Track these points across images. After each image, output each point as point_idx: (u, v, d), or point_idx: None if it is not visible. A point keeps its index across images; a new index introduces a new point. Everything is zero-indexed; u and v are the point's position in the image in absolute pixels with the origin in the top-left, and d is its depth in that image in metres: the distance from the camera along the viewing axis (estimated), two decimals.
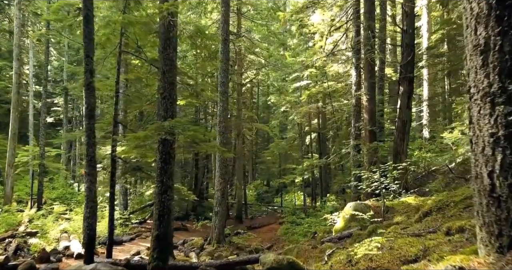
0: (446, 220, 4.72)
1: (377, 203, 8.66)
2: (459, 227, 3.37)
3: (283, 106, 27.48)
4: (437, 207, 5.51)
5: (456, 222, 3.63)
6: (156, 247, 6.62)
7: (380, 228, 6.79)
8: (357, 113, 13.15)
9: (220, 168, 14.24)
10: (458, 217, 4.67)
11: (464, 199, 5.19)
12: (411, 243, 3.50)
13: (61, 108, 32.16)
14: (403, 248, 3.41)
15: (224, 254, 13.37)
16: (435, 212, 5.45)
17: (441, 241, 3.26)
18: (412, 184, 13.28)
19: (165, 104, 6.93)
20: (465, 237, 3.10)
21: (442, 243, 3.16)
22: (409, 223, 6.24)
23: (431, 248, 3.13)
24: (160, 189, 6.80)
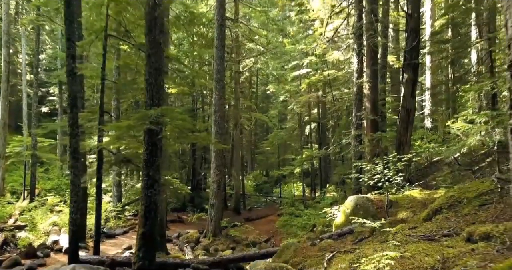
0: (460, 220, 4.21)
1: (380, 196, 8.16)
2: (483, 233, 2.86)
3: (282, 96, 26.87)
4: (448, 204, 4.99)
5: (479, 226, 3.10)
6: (141, 246, 6.14)
7: (384, 225, 6.30)
8: (359, 102, 12.58)
9: (216, 159, 13.73)
10: (474, 217, 4.16)
11: (479, 196, 4.68)
12: (426, 251, 2.98)
13: (56, 98, 31.51)
14: (416, 257, 2.90)
15: (220, 248, 12.97)
16: (446, 210, 4.93)
17: (462, 250, 2.74)
18: (415, 175, 12.78)
19: (151, 91, 6.36)
20: (493, 246, 2.58)
21: (465, 253, 2.65)
22: (417, 220, 5.74)
23: (451, 258, 2.63)
24: (146, 183, 6.28)
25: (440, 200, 5.25)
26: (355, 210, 7.93)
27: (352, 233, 7.04)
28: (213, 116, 13.89)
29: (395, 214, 7.22)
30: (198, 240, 13.28)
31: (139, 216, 6.34)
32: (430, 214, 5.16)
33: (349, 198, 8.38)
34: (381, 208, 7.70)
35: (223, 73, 14.37)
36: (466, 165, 10.67)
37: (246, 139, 36.32)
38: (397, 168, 8.10)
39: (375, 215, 7.60)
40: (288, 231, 16.04)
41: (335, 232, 7.37)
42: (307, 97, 22.32)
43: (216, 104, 13.80)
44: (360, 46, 12.62)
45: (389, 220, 6.37)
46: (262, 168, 36.53)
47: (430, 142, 20.83)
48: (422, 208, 6.88)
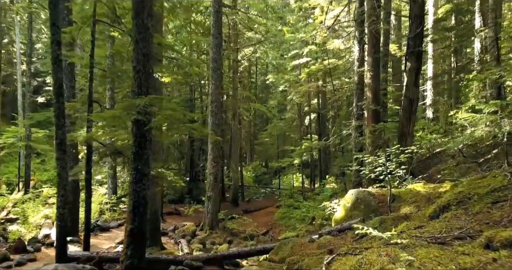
0: (472, 219, 3.85)
1: (382, 190, 7.81)
2: (506, 239, 2.49)
3: (281, 86, 26.40)
4: (457, 200, 4.63)
5: (499, 230, 2.73)
6: (130, 243, 5.79)
7: (387, 221, 5.96)
8: (360, 91, 12.16)
9: (212, 150, 13.36)
10: (487, 216, 3.79)
11: (491, 192, 4.32)
12: (438, 258, 2.62)
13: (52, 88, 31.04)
14: (427, 265, 2.53)
15: (217, 241, 12.67)
16: (455, 207, 4.57)
17: (481, 259, 2.38)
18: (416, 167, 12.43)
19: (139, 79, 5.95)
20: None
21: (485, 263, 2.29)
22: (422, 217, 5.38)
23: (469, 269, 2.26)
24: (134, 177, 5.91)
25: (447, 196, 4.88)
26: (355, 205, 7.59)
27: (353, 229, 6.70)
28: (210, 107, 13.48)
29: (398, 209, 6.87)
30: (194, 233, 12.99)
31: (127, 212, 5.98)
32: (437, 211, 4.80)
33: (350, 191, 8.03)
34: (383, 203, 7.36)
35: (220, 62, 13.91)
36: (471, 156, 10.31)
37: (245, 129, 35.96)
38: (399, 161, 7.74)
39: (377, 210, 7.27)
40: (286, 224, 15.77)
41: (335, 228, 7.03)
42: (307, 87, 21.88)
43: (213, 94, 13.38)
44: (361, 33, 12.16)
45: (391, 215, 6.02)
46: (262, 158, 36.22)
47: (432, 132, 20.47)
48: (427, 203, 6.54)
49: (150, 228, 10.28)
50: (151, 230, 10.35)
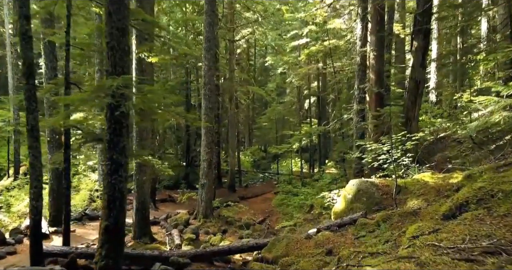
0: (500, 223, 3.20)
1: (386, 180, 7.16)
2: None
3: (280, 68, 25.50)
4: (477, 198, 3.97)
5: None
6: (105, 242, 5.16)
7: (393, 217, 5.32)
8: (362, 73, 11.38)
9: (206, 135, 12.67)
10: None
11: None
12: None
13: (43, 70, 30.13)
14: None
15: (211, 230, 12.15)
16: (475, 205, 3.92)
17: None
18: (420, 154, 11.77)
19: (113, 57, 5.21)
20: None
21: None
22: (433, 213, 4.74)
23: None
24: (109, 168, 5.24)
25: (465, 192, 4.22)
26: (357, 196, 6.96)
27: (354, 224, 6.09)
28: (203, 90, 12.73)
29: (404, 202, 6.24)
30: (187, 222, 12.44)
31: (102, 207, 5.34)
32: (452, 209, 4.15)
33: (351, 182, 7.39)
34: (387, 194, 6.73)
35: (214, 41, 13.08)
36: (480, 142, 9.63)
37: (244, 113, 35.20)
38: (405, 148, 7.07)
39: (380, 203, 6.64)
40: (284, 211, 15.24)
41: (334, 222, 6.41)
42: (306, 69, 21.04)
43: (206, 76, 12.60)
44: (364, 10, 11.29)
45: (398, 211, 5.39)
46: (260, 143, 35.61)
47: (435, 116, 19.75)
48: (437, 196, 5.90)
49: (138, 218, 9.74)
50: (140, 220, 9.81)
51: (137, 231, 9.80)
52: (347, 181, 16.09)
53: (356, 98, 11.31)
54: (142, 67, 9.54)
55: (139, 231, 9.77)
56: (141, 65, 9.53)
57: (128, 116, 5.41)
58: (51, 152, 10.82)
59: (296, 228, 11.97)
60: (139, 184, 9.73)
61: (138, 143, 9.69)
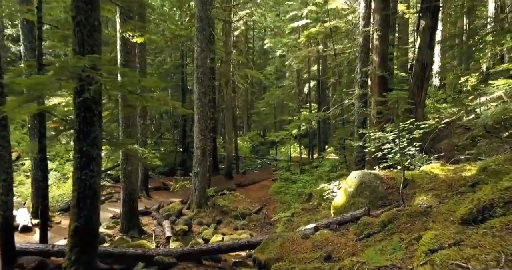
0: None
1: (391, 172, 6.53)
2: None
3: (279, 50, 24.61)
4: (504, 200, 3.36)
5: None
6: (75, 245, 4.57)
7: (400, 217, 4.72)
8: (365, 55, 10.61)
9: (199, 122, 12.01)
10: None
11: None
12: None
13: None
14: None
15: (205, 221, 11.63)
16: (502, 209, 3.30)
17: None
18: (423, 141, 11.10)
19: (80, 34, 4.50)
20: None
21: None
22: (448, 216, 4.14)
23: None
24: (78, 161, 4.60)
25: (489, 192, 3.60)
26: (359, 190, 6.35)
27: (356, 222, 5.50)
28: (195, 73, 12.00)
29: (412, 197, 5.63)
30: (180, 212, 11.90)
31: (71, 206, 4.72)
32: (473, 212, 3.53)
33: (352, 173, 6.77)
34: (393, 188, 6.12)
35: (207, 21, 12.26)
36: (492, 130, 8.98)
37: (242, 98, 34.41)
38: (412, 137, 6.40)
39: (385, 197, 6.04)
40: (282, 200, 14.71)
41: (334, 220, 5.82)
42: (306, 52, 20.18)
43: (199, 58, 11.85)
44: None
45: (406, 209, 4.77)
46: (259, 128, 34.91)
47: (438, 101, 19.04)
48: (449, 192, 5.29)
49: (126, 210, 9.20)
50: (127, 212, 9.27)
51: (124, 224, 9.27)
52: (347, 168, 15.55)
53: (358, 82, 10.59)
54: (127, 48, 8.81)
55: (126, 223, 9.23)
56: (126, 47, 8.80)
57: (100, 102, 4.74)
58: (32, 139, 10.19)
59: (293, 219, 11.46)
60: (126, 174, 9.14)
61: (124, 130, 9.05)
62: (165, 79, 23.83)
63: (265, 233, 11.22)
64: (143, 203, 13.68)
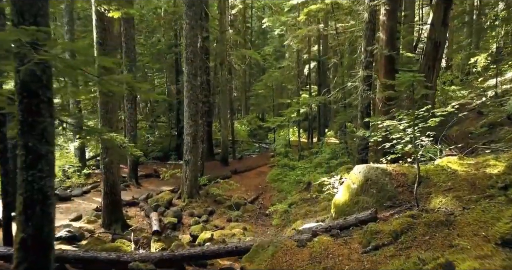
0: None
1: (401, 167, 5.69)
2: None
3: (277, 29, 23.40)
4: None
5: None
6: (22, 260, 3.76)
7: (416, 227, 3.90)
8: (370, 33, 9.60)
9: (189, 106, 11.11)
10: None
11: None
12: None
13: None
14: None
15: (196, 212, 10.91)
16: None
17: None
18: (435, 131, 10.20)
19: (20, 1, 3.58)
20: None
21: None
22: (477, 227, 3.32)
23: None
24: (24, 159, 3.76)
25: None
26: (364, 187, 5.53)
27: (360, 226, 4.70)
28: (185, 53, 11.02)
29: (426, 198, 4.81)
30: (170, 203, 11.17)
31: (16, 214, 3.90)
32: None
33: (356, 168, 5.93)
34: (403, 187, 5.29)
35: None
36: None
37: (240, 80, 33.35)
38: (428, 125, 5.52)
39: (395, 197, 5.21)
40: (279, 187, 13.97)
41: (335, 223, 5.01)
42: (306, 31, 19.03)
43: (188, 37, 10.85)
44: None
45: (424, 217, 3.95)
46: (257, 111, 33.91)
47: (445, 83, 18.04)
48: (472, 193, 4.46)
49: (107, 203, 8.42)
50: (108, 205, 8.50)
51: (106, 218, 8.51)
52: (348, 155, 14.75)
53: (363, 62, 9.62)
54: (103, 25, 7.82)
55: (108, 217, 8.48)
56: (102, 23, 7.81)
57: (49, 86, 3.84)
58: None
59: (290, 210, 10.72)
60: (106, 165, 8.32)
61: (102, 117, 8.17)
62: (157, 60, 22.76)
63: (260, 225, 10.54)
64: (132, 192, 12.94)
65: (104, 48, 7.97)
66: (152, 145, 22.79)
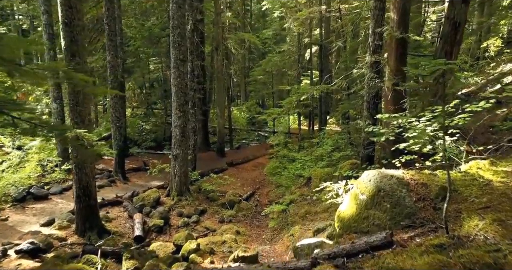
0: None
1: (420, 175, 4.66)
2: None
3: (276, 11, 22.09)
4: None
5: None
6: None
7: None
8: (379, 12, 8.43)
9: (177, 95, 10.05)
10: None
11: None
12: None
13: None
14: None
15: (186, 211, 10.00)
16: None
17: None
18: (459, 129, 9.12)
19: None
20: None
21: None
22: None
23: None
24: None
25: None
26: (375, 199, 4.53)
27: (372, 254, 3.71)
28: (171, 36, 9.89)
29: (455, 219, 3.80)
30: (158, 201, 10.22)
31: None
32: None
33: (366, 174, 4.90)
34: (425, 201, 4.27)
35: None
36: None
37: (239, 65, 32.12)
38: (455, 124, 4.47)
39: (413, 214, 4.21)
40: (277, 181, 13.03)
41: (340, 249, 3.99)
42: (307, 13, 17.76)
43: (175, 17, 9.70)
44: None
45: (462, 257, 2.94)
46: (257, 97, 32.70)
47: None
48: None
49: (80, 207, 7.45)
50: (82, 210, 7.53)
51: (79, 224, 7.55)
52: (351, 146, 13.72)
53: (370, 46, 8.48)
54: (69, 3, 6.70)
55: (82, 223, 7.52)
56: (68, 0, 6.69)
57: None
58: None
59: (289, 209, 9.77)
60: (78, 164, 7.31)
61: (72, 109, 7.13)
62: (152, 44, 21.49)
63: (255, 227, 9.62)
64: (118, 188, 11.99)
65: (72, 29, 6.88)
66: (146, 133, 21.79)
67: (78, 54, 7.04)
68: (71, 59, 6.99)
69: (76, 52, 7.03)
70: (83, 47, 7.19)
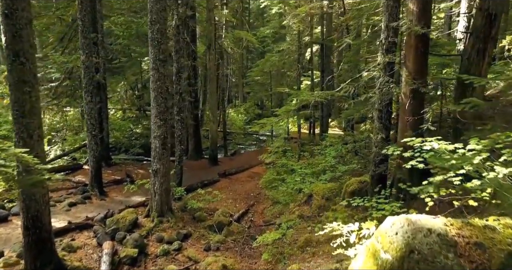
0: None
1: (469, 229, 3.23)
2: None
3: (275, 7, 20.68)
4: None
5: None
6: None
7: None
8: (394, 3, 7.03)
9: (156, 101, 8.66)
10: None
11: None
12: None
13: None
14: None
15: (166, 236, 8.62)
16: None
17: None
18: None
19: None
20: None
21: None
22: None
23: None
24: None
25: None
26: (407, 264, 3.12)
27: None
28: (149, 32, 8.52)
29: None
30: (135, 224, 8.82)
31: None
32: None
33: (390, 221, 3.47)
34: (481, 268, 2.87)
35: None
36: None
37: (236, 64, 30.80)
38: None
39: None
40: (275, 197, 11.60)
41: None
42: (307, 9, 16.37)
43: (153, 11, 8.31)
44: None
45: None
46: (255, 99, 31.27)
47: None
48: None
49: (30, 240, 6.06)
50: (33, 243, 6.13)
51: (29, 262, 6.16)
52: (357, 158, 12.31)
53: (383, 44, 7.08)
54: None
55: (32, 261, 6.13)
56: None
57: None
58: None
59: (285, 238, 8.37)
60: (25, 188, 5.92)
61: (17, 121, 5.76)
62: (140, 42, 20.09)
63: (246, 257, 8.21)
64: (93, 205, 10.61)
65: (14, 22, 5.54)
66: (136, 138, 20.42)
67: (22, 53, 5.68)
68: (14, 59, 5.63)
69: (20, 51, 5.67)
70: (30, 45, 5.81)
